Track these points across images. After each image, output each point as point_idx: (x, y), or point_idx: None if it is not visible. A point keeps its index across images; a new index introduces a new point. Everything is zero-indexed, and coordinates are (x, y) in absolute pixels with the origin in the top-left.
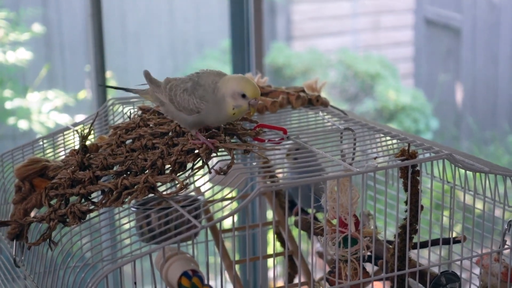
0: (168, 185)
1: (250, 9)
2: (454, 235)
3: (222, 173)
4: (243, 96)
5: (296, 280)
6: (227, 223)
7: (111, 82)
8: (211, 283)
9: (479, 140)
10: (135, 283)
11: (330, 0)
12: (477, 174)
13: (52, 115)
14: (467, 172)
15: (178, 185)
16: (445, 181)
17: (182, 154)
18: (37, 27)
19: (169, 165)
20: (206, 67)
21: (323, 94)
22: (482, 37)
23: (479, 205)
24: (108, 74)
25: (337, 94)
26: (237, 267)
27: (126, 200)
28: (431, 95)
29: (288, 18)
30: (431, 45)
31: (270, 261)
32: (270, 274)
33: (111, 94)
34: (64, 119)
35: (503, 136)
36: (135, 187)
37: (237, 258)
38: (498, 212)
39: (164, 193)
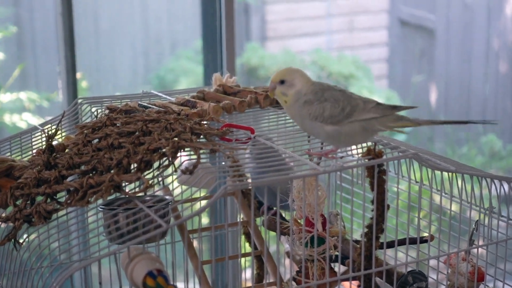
0: (137, 183)
1: (221, 9)
2: (425, 235)
3: (188, 173)
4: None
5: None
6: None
7: (82, 82)
8: (181, 284)
9: (452, 141)
10: (100, 283)
11: (305, 1)
12: (448, 174)
13: (25, 116)
14: (438, 172)
15: (144, 184)
16: (414, 181)
17: (148, 153)
18: (9, 27)
19: (135, 164)
20: (179, 67)
21: None
22: (456, 38)
23: (448, 205)
24: (79, 74)
25: None
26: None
27: (91, 199)
28: (405, 96)
29: (263, 18)
30: (405, 45)
31: (244, 262)
32: (247, 275)
33: (81, 93)
34: (37, 120)
35: (476, 137)
36: (101, 186)
37: (208, 258)
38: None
39: (131, 192)
